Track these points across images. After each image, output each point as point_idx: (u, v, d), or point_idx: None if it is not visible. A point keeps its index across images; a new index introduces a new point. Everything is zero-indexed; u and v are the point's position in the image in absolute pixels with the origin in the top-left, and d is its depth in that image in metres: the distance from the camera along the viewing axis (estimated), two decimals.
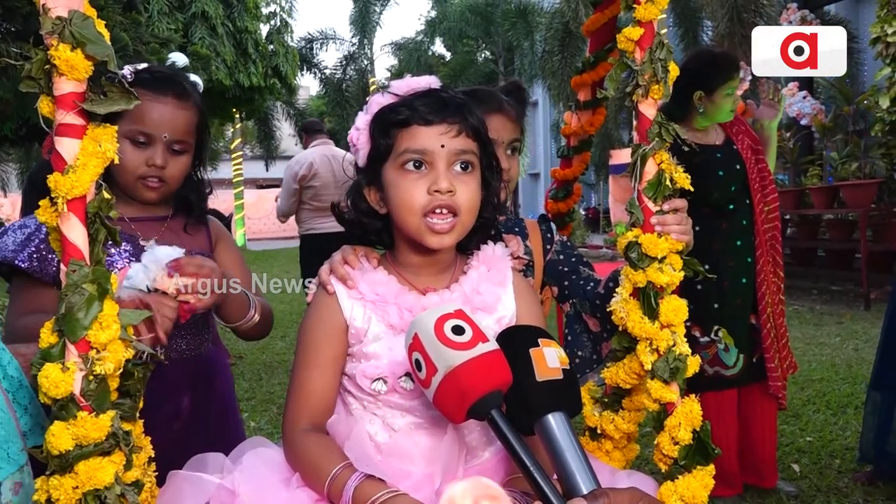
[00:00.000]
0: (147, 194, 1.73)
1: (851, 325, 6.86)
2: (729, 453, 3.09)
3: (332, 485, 1.19)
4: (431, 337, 1.07)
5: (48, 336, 1.08)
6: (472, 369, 1.04)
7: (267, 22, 17.37)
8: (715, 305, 3.07)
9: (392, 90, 1.35)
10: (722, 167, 3.11)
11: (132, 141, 1.67)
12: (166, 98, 1.70)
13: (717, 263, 3.03)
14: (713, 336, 3.05)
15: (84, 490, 1.04)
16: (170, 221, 1.81)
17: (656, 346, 1.38)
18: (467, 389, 1.04)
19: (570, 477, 1.02)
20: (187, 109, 1.75)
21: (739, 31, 10.53)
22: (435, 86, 1.36)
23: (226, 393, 1.96)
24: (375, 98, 1.36)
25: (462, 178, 1.29)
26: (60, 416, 1.06)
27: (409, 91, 1.33)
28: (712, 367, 3.06)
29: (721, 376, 3.07)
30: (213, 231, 1.90)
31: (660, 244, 1.40)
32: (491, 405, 1.05)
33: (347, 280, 1.35)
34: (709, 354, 3.05)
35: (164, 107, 1.69)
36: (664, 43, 1.41)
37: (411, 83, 1.35)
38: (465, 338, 1.07)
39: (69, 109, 1.08)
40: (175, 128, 1.71)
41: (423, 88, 1.34)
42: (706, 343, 3.05)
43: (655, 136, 1.41)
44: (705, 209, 3.04)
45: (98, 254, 1.11)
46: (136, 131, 1.67)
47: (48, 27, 1.05)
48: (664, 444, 1.37)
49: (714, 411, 3.03)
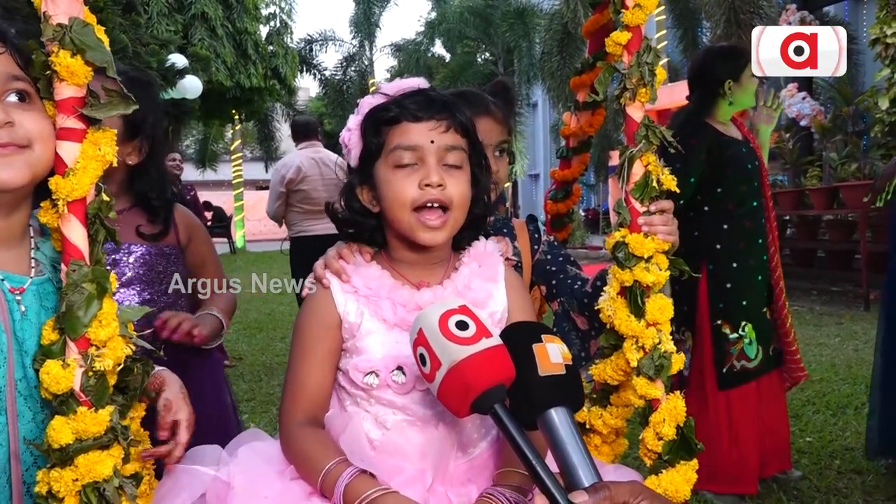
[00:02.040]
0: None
1: (851, 325, 6.86)
2: (751, 450, 3.14)
3: (326, 479, 1.21)
4: (436, 332, 1.09)
5: (49, 333, 1.11)
6: (475, 364, 1.06)
7: (267, 23, 17.40)
8: (743, 302, 3.15)
9: (382, 91, 1.39)
10: (749, 161, 3.24)
11: None
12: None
13: (744, 261, 3.16)
14: (741, 332, 3.13)
15: (83, 482, 1.07)
16: (124, 215, 1.81)
17: (642, 343, 1.42)
18: (471, 383, 1.06)
19: (571, 470, 1.03)
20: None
21: (738, 32, 10.53)
22: (423, 86, 1.40)
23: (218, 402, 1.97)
24: (366, 99, 1.40)
25: (452, 172, 1.33)
26: (61, 410, 1.08)
27: (399, 91, 1.37)
28: (739, 362, 3.13)
29: (746, 370, 3.15)
30: (183, 225, 1.93)
31: (646, 244, 1.43)
32: (494, 399, 1.07)
33: (342, 274, 1.37)
34: (736, 350, 3.12)
35: None
36: (651, 47, 1.44)
37: (401, 84, 1.39)
38: (468, 333, 1.08)
39: (69, 114, 1.11)
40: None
41: (412, 88, 1.38)
42: (735, 339, 3.12)
43: (642, 139, 1.44)
44: (730, 205, 3.16)
45: (98, 254, 1.13)
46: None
47: (49, 34, 1.08)
48: (649, 439, 1.40)
49: (738, 407, 3.13)
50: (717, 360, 3.11)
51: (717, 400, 3.13)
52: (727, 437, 3.11)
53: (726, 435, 3.11)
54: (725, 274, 3.13)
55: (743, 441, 3.11)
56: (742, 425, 3.12)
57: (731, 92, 3.16)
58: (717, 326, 3.11)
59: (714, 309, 3.12)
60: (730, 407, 3.12)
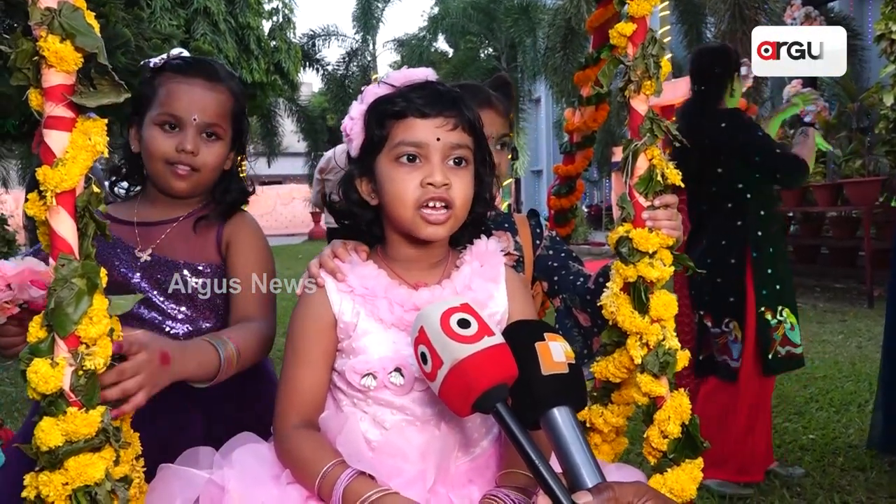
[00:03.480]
0: (176, 183, 1.64)
1: (855, 322, 6.84)
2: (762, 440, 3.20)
3: (323, 483, 1.18)
4: (437, 330, 1.07)
5: (37, 331, 1.08)
6: (477, 362, 1.04)
7: (269, 18, 17.35)
8: (777, 287, 3.20)
9: (388, 81, 1.34)
10: None
11: (161, 127, 1.61)
12: (195, 80, 1.63)
13: (778, 246, 3.28)
14: (780, 317, 3.17)
15: (74, 486, 1.04)
16: (181, 222, 1.70)
17: (646, 340, 1.38)
18: (473, 382, 1.04)
19: (574, 471, 1.02)
20: (219, 92, 1.66)
21: (742, 28, 10.49)
22: (431, 78, 1.35)
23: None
24: (371, 88, 1.35)
25: (456, 171, 1.29)
26: (49, 411, 1.05)
27: (406, 82, 1.32)
28: (784, 347, 3.16)
29: (793, 355, 3.20)
30: (227, 232, 1.71)
31: (651, 239, 1.40)
32: (496, 399, 1.05)
33: (337, 273, 1.34)
34: (779, 335, 3.15)
35: (192, 88, 1.62)
36: (656, 39, 1.40)
37: (408, 74, 1.34)
38: (470, 331, 1.07)
39: (58, 102, 1.08)
40: (205, 110, 1.63)
41: (419, 80, 1.33)
42: (776, 325, 3.16)
43: (647, 132, 1.41)
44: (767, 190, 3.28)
45: (87, 248, 1.10)
46: (165, 115, 1.60)
47: (37, 18, 1.05)
48: (653, 437, 1.37)
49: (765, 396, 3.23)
50: (763, 346, 3.14)
51: (748, 388, 3.17)
52: (744, 425, 3.15)
53: (744, 423, 3.15)
54: (767, 260, 3.19)
55: (758, 431, 3.17)
56: (761, 415, 3.18)
57: (737, 84, 3.34)
58: (761, 313, 3.15)
59: (759, 296, 3.16)
60: (758, 395, 3.17)
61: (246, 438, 1.36)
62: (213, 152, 1.66)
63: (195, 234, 1.69)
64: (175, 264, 1.66)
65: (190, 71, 1.64)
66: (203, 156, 1.64)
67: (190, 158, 1.62)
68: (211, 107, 1.65)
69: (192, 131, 1.62)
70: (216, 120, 1.66)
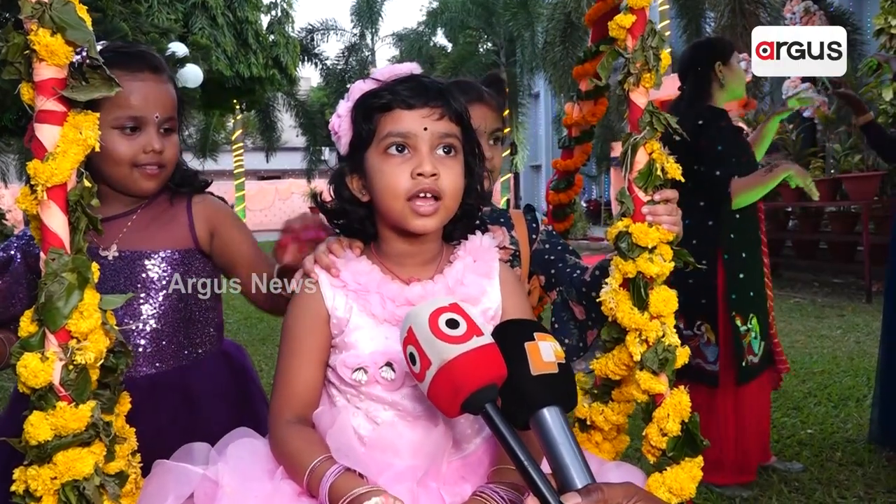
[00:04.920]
0: (145, 185, 1.58)
1: (853, 317, 6.85)
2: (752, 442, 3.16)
3: (311, 477, 1.17)
4: (426, 330, 1.06)
5: (27, 325, 1.07)
6: (466, 363, 1.03)
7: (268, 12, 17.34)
8: (751, 293, 3.15)
9: (374, 76, 1.34)
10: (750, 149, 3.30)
11: (121, 130, 1.53)
12: (143, 74, 1.54)
13: (752, 251, 3.19)
14: (749, 324, 3.12)
15: (62, 481, 1.03)
16: (139, 214, 1.63)
17: (645, 336, 1.37)
18: (461, 383, 1.03)
19: (564, 471, 1.01)
20: (166, 82, 1.60)
21: (742, 23, 10.49)
22: (417, 72, 1.34)
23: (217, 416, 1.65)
24: (357, 85, 1.34)
25: (445, 161, 1.28)
26: (39, 405, 1.05)
27: (391, 76, 1.32)
28: (748, 356, 3.12)
29: (753, 364, 3.14)
30: (203, 218, 1.67)
31: (650, 234, 1.38)
32: (485, 399, 1.04)
33: (331, 269, 1.33)
34: (746, 343, 3.10)
35: (145, 84, 1.54)
36: (656, 31, 1.39)
37: (394, 69, 1.34)
38: (459, 331, 1.05)
39: (49, 96, 1.07)
40: (164, 105, 1.57)
41: (404, 74, 1.32)
42: (744, 332, 3.10)
43: (646, 126, 1.40)
44: None
45: (79, 242, 1.09)
46: (124, 118, 1.52)
47: (28, 11, 1.04)
48: (653, 435, 1.36)
49: (749, 400, 3.15)
50: (737, 353, 3.08)
51: (728, 396, 3.12)
52: (734, 430, 3.12)
53: (734, 428, 3.12)
54: (738, 264, 3.12)
55: (748, 434, 3.13)
56: (748, 419, 3.13)
57: (723, 74, 3.19)
58: (731, 318, 3.09)
59: (727, 300, 3.09)
60: (740, 400, 3.12)
61: (242, 434, 1.35)
62: (172, 145, 1.61)
63: (161, 222, 1.65)
64: (146, 255, 1.62)
65: (134, 65, 1.54)
66: (167, 152, 1.59)
67: (157, 157, 1.57)
68: (167, 101, 1.59)
69: (153, 130, 1.56)
70: (172, 113, 1.61)
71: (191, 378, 1.65)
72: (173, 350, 1.64)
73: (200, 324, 1.69)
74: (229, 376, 1.74)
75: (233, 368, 1.77)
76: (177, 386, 1.63)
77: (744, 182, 3.02)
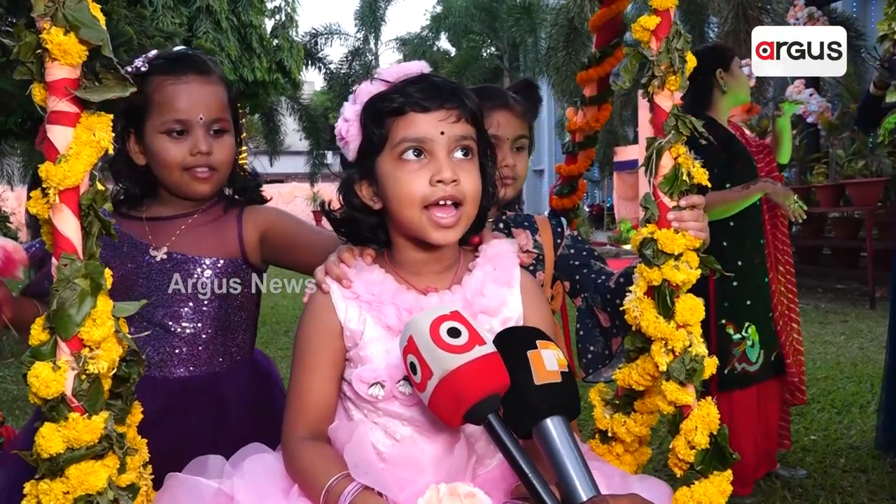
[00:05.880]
0: (199, 188, 1.60)
1: (857, 323, 6.81)
2: (748, 452, 3.09)
3: (328, 497, 1.13)
4: (427, 339, 1.03)
5: (39, 333, 1.03)
6: (468, 373, 1.01)
7: (272, 16, 17.32)
8: (748, 302, 3.11)
9: (382, 77, 1.27)
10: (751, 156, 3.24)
11: (169, 135, 1.56)
12: (188, 77, 1.57)
13: (749, 260, 3.14)
14: (744, 333, 3.08)
15: (75, 495, 1.00)
16: (194, 219, 1.65)
17: (672, 346, 1.32)
18: (463, 394, 1.01)
19: (568, 483, 1.00)
20: (214, 84, 1.62)
21: (745, 28, 10.46)
22: (426, 71, 1.28)
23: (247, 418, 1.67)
24: (364, 87, 1.27)
25: (463, 164, 1.23)
26: (51, 417, 1.01)
27: (401, 77, 1.25)
28: (740, 364, 3.08)
29: (746, 373, 3.10)
30: (252, 227, 1.67)
31: (677, 240, 1.34)
32: (488, 409, 1.02)
33: (343, 279, 1.28)
34: (738, 351, 3.07)
35: (189, 87, 1.57)
36: (681, 32, 1.35)
37: (402, 69, 1.27)
38: (461, 340, 1.03)
39: (62, 96, 1.03)
40: (209, 106, 1.58)
41: (414, 74, 1.26)
42: (738, 340, 3.07)
43: (672, 129, 1.36)
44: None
45: (91, 247, 1.06)
46: (170, 122, 1.55)
47: (40, 9, 1.01)
48: (680, 448, 1.31)
49: (739, 409, 3.08)
50: (720, 360, 3.02)
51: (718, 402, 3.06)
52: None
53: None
54: (733, 272, 3.05)
55: (743, 445, 3.05)
56: (742, 428, 3.08)
57: (724, 81, 3.16)
58: (721, 326, 3.06)
59: (719, 308, 3.06)
60: (731, 409, 3.07)
61: (257, 449, 1.31)
62: (224, 147, 1.62)
63: (212, 229, 1.66)
64: (193, 259, 1.63)
65: (179, 69, 1.57)
66: (217, 153, 1.60)
67: (206, 159, 1.58)
68: (212, 101, 1.60)
69: (200, 131, 1.57)
70: (220, 114, 1.62)
71: (223, 384, 1.66)
72: (209, 355, 1.65)
73: (236, 332, 1.70)
74: (258, 384, 1.74)
75: (260, 375, 1.77)
76: (209, 390, 1.64)
77: (718, 196, 2.97)
